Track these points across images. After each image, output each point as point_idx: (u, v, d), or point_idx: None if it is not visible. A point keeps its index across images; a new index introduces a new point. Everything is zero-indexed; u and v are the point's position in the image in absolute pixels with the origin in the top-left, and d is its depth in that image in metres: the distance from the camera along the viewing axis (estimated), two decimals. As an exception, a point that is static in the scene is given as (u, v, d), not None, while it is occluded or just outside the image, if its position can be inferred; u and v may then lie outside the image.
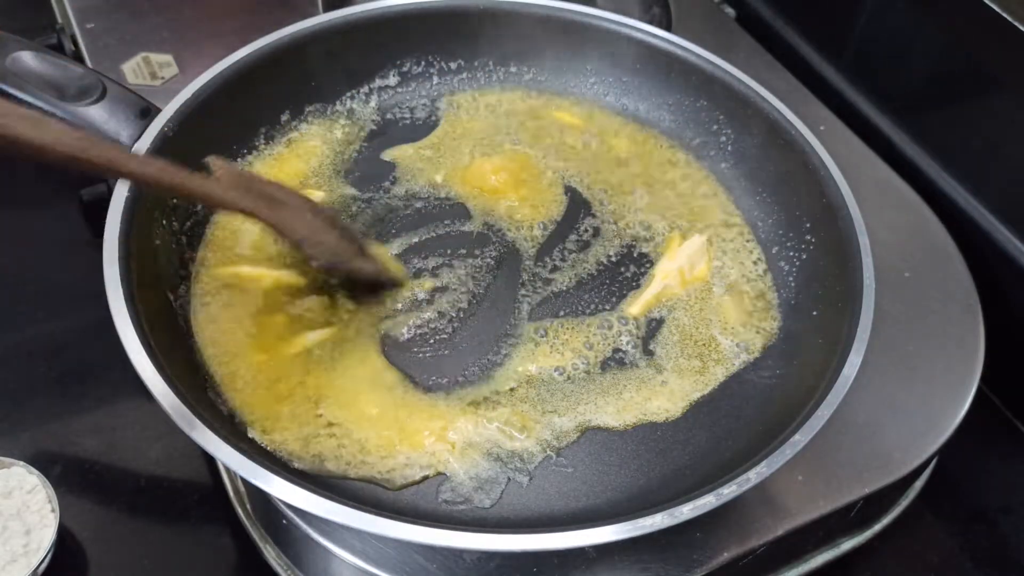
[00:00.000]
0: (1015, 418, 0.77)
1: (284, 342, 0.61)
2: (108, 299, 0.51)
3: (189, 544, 0.63)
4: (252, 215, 0.57)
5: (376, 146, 0.75)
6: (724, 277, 0.68)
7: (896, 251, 0.73)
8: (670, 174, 0.75)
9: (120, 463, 0.66)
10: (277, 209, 0.58)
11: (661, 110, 0.78)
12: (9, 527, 0.56)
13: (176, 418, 0.47)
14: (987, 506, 0.71)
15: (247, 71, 0.68)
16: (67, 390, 0.70)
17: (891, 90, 0.87)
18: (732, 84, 0.72)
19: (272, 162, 0.72)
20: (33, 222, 0.82)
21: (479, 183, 0.73)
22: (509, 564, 0.54)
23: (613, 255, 0.69)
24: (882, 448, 0.62)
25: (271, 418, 0.56)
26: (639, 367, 0.62)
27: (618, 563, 0.55)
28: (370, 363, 0.60)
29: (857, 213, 0.63)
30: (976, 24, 0.75)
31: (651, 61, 0.76)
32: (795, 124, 0.69)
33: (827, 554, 0.64)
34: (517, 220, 0.71)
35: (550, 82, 0.81)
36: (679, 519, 0.46)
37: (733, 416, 0.60)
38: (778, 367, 0.63)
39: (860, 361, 0.54)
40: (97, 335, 0.68)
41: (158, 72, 0.82)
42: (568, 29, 0.77)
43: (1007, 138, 0.75)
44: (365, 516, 0.44)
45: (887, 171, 0.81)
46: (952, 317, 0.70)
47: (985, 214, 0.78)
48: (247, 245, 0.66)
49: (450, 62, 0.79)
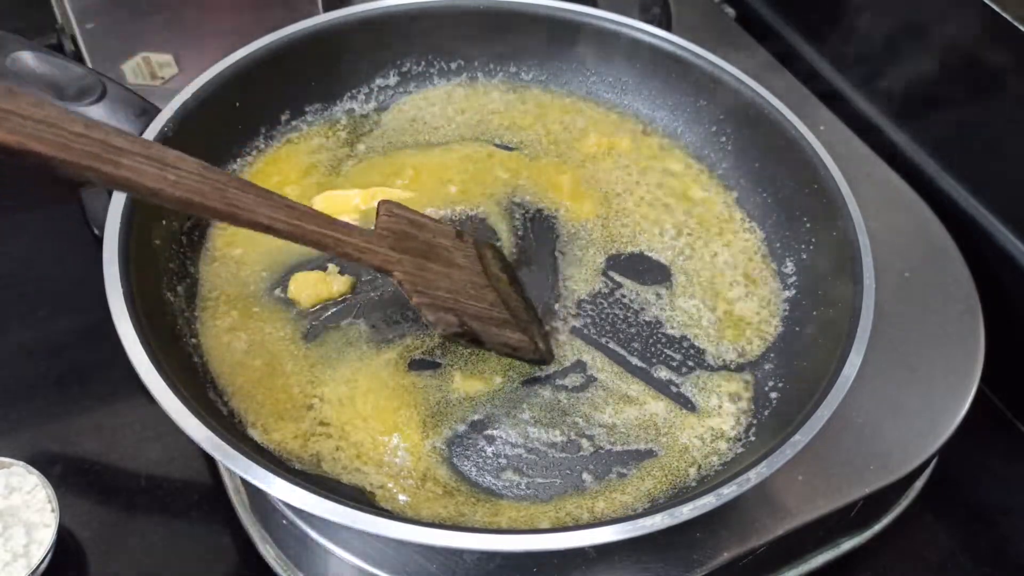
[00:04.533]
0: (1015, 418, 0.77)
1: (285, 342, 0.61)
2: (108, 299, 0.51)
3: (189, 544, 0.63)
4: (388, 274, 0.53)
5: (376, 146, 0.75)
6: (724, 277, 0.68)
7: (896, 251, 0.73)
8: (669, 174, 0.75)
9: (120, 463, 0.66)
10: (424, 267, 0.54)
11: (661, 110, 0.78)
12: (9, 527, 0.56)
13: (176, 418, 0.47)
14: (987, 506, 0.71)
15: (247, 71, 0.68)
16: (67, 390, 0.70)
17: (891, 90, 0.87)
18: (732, 84, 0.72)
19: (272, 162, 0.72)
20: (33, 222, 0.82)
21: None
22: (509, 564, 0.54)
23: (614, 253, 0.69)
24: (882, 448, 0.62)
25: (271, 418, 0.56)
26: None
27: (618, 563, 0.55)
28: (372, 365, 0.60)
29: (857, 213, 0.63)
30: (976, 24, 0.75)
31: (651, 61, 0.76)
32: (795, 124, 0.68)
33: (827, 554, 0.64)
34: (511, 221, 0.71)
35: (550, 82, 0.81)
36: (679, 519, 0.46)
37: (733, 416, 0.60)
38: (778, 367, 0.63)
39: (860, 361, 0.54)
40: (97, 335, 0.68)
41: (158, 72, 0.82)
42: (568, 29, 0.77)
43: (1007, 138, 0.75)
44: (365, 516, 0.44)
45: (887, 171, 0.81)
46: (952, 317, 0.70)
47: (985, 214, 0.78)
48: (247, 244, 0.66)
49: (450, 62, 0.79)
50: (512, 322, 0.58)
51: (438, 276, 0.55)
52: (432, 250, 0.56)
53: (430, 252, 0.56)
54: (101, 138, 0.41)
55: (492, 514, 0.54)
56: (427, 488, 0.54)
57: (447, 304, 0.55)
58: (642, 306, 0.66)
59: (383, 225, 0.55)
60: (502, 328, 0.57)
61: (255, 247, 0.66)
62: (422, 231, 0.57)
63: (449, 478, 0.55)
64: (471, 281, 0.58)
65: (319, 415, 0.57)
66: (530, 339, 0.59)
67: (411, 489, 0.54)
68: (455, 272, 0.57)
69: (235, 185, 0.47)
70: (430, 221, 0.59)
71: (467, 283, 0.57)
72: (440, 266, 0.56)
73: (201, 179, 0.45)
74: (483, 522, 0.53)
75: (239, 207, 0.46)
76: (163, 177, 0.43)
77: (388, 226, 0.55)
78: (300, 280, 0.63)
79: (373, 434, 0.56)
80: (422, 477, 0.55)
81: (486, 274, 0.59)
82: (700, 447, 0.58)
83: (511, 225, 0.70)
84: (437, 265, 0.56)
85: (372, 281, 0.65)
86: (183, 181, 0.44)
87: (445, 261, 0.57)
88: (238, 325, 0.61)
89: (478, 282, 0.58)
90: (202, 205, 0.45)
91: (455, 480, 0.55)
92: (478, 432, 0.58)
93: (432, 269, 0.55)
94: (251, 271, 0.64)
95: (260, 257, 0.65)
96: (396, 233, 0.55)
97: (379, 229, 0.54)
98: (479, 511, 0.54)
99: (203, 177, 0.45)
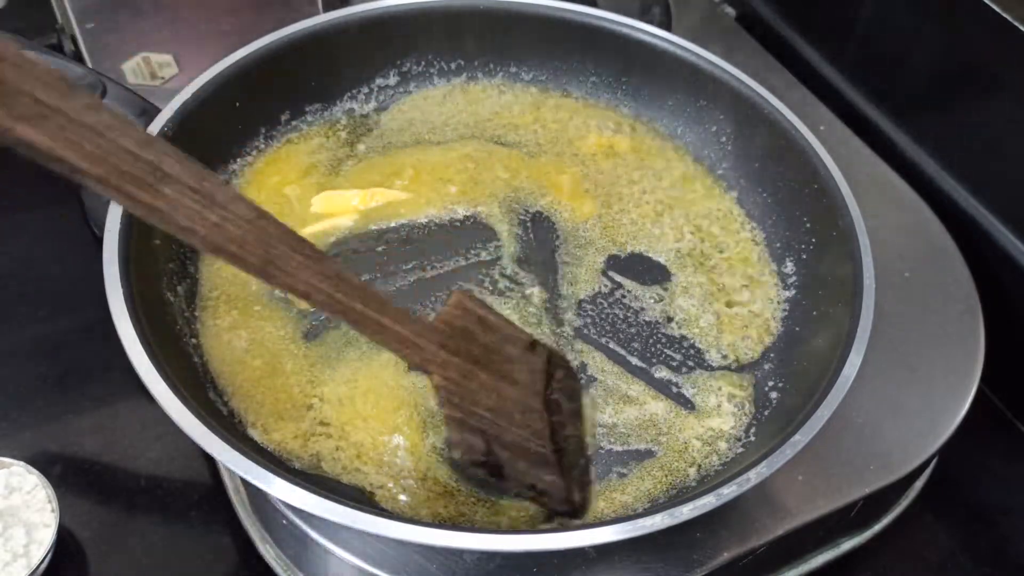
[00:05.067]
0: (1015, 418, 0.77)
1: (285, 342, 0.61)
2: (108, 299, 0.51)
3: (189, 544, 0.62)
4: (427, 374, 0.48)
5: (376, 146, 0.75)
6: (724, 277, 0.68)
7: (896, 251, 0.73)
8: (669, 174, 0.75)
9: (120, 463, 0.66)
10: (471, 375, 0.48)
11: (661, 110, 0.78)
12: (9, 527, 0.56)
13: (176, 418, 0.47)
14: (987, 506, 0.71)
15: (247, 71, 0.68)
16: (67, 390, 0.70)
17: (891, 90, 0.87)
18: (732, 84, 0.72)
19: (272, 162, 0.72)
20: (33, 222, 0.82)
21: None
22: (509, 564, 0.54)
23: (614, 253, 0.69)
24: (882, 448, 0.62)
25: (271, 418, 0.56)
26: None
27: (618, 563, 0.55)
28: (372, 365, 0.60)
29: (857, 213, 0.63)
30: (976, 24, 0.75)
31: (651, 61, 0.76)
32: (795, 124, 0.68)
33: (827, 554, 0.64)
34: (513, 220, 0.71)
35: (550, 82, 0.81)
36: (679, 519, 0.46)
37: (733, 416, 0.60)
38: (778, 367, 0.63)
39: (860, 361, 0.54)
40: (97, 335, 0.69)
41: (158, 72, 0.82)
42: (568, 29, 0.77)
43: (1007, 138, 0.75)
44: (365, 516, 0.44)
45: (887, 171, 0.81)
46: (952, 317, 0.70)
47: (985, 214, 0.78)
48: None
49: (450, 62, 0.79)
50: (551, 461, 0.51)
51: (483, 390, 0.49)
52: (489, 357, 0.50)
53: (486, 359, 0.50)
54: (151, 159, 0.37)
55: (492, 514, 0.54)
56: (427, 488, 0.54)
57: (480, 425, 0.48)
58: (642, 306, 0.66)
59: (445, 318, 0.49)
60: (535, 466, 0.50)
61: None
62: (488, 333, 0.51)
63: (449, 478, 0.55)
64: (522, 403, 0.51)
65: (319, 415, 0.57)
66: (566, 485, 0.51)
67: (411, 489, 0.54)
68: (507, 388, 0.50)
69: (287, 242, 0.42)
70: (506, 325, 0.53)
71: (516, 404, 0.50)
72: (491, 378, 0.50)
73: (248, 226, 0.40)
74: (483, 522, 0.53)
75: (278, 267, 0.41)
76: (201, 216, 0.39)
77: (450, 320, 0.49)
78: (300, 280, 0.63)
79: (373, 434, 0.56)
80: (422, 477, 0.55)
81: (544, 398, 0.53)
82: (700, 447, 0.58)
83: (511, 225, 0.70)
84: (488, 376, 0.49)
85: (372, 281, 0.65)
86: (225, 225, 0.39)
87: (500, 373, 0.50)
88: (238, 325, 0.61)
89: (530, 405, 0.51)
90: (235, 255, 0.40)
91: (455, 480, 0.55)
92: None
93: (480, 379, 0.49)
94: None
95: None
96: (455, 330, 0.49)
97: (439, 320, 0.49)
98: (479, 511, 0.54)
99: (251, 224, 0.40)
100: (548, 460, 0.51)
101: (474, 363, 0.49)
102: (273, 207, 0.69)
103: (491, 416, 0.49)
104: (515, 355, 0.51)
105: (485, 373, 0.49)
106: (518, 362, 0.52)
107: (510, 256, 0.68)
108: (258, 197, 0.69)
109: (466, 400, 0.48)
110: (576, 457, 0.54)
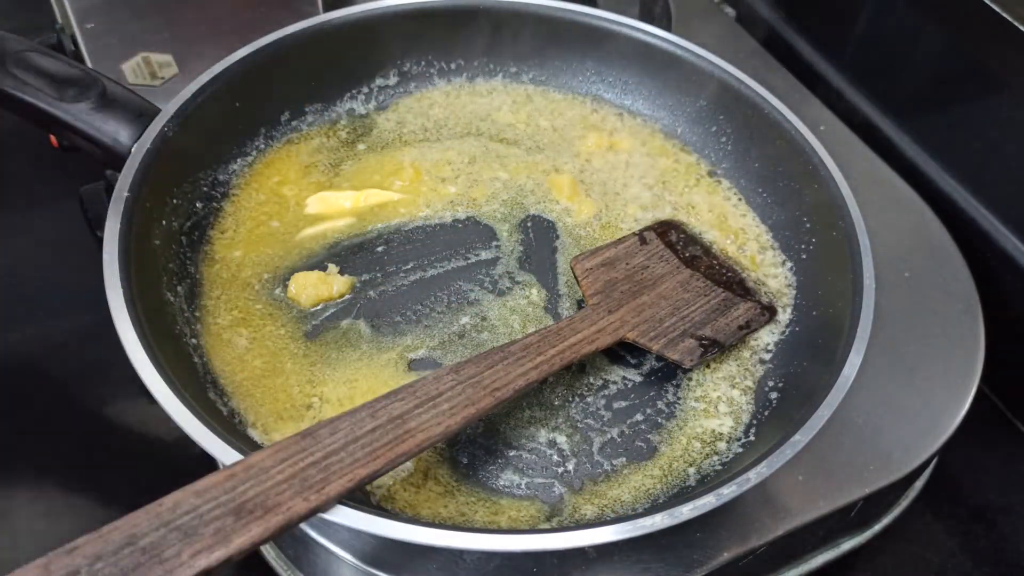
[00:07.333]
0: (1015, 418, 0.77)
1: (285, 342, 0.61)
2: (108, 299, 0.51)
3: (189, 544, 0.62)
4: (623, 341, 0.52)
5: (376, 146, 0.75)
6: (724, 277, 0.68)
7: (896, 251, 0.73)
8: (669, 174, 0.75)
9: (120, 463, 0.66)
10: (642, 306, 0.53)
11: (661, 110, 0.78)
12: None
13: (176, 418, 0.47)
14: (987, 506, 0.71)
15: (247, 71, 0.68)
16: (67, 390, 0.70)
17: (891, 90, 0.87)
18: (732, 84, 0.72)
19: (272, 162, 0.72)
20: (33, 222, 0.82)
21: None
22: (509, 564, 0.54)
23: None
24: (882, 448, 0.62)
25: (271, 418, 0.56)
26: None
27: (618, 563, 0.55)
28: (372, 365, 0.60)
29: (857, 213, 0.63)
30: (976, 24, 0.75)
31: (651, 61, 0.76)
32: (795, 124, 0.69)
33: (827, 554, 0.64)
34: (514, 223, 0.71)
35: (550, 82, 0.81)
36: (679, 519, 0.46)
37: (733, 416, 0.60)
38: (778, 367, 0.63)
39: (860, 361, 0.54)
40: (97, 335, 0.69)
41: (158, 72, 0.82)
42: (568, 29, 0.77)
43: (1007, 138, 0.75)
44: (365, 516, 0.44)
45: (887, 171, 0.81)
46: (952, 317, 0.70)
47: (985, 214, 0.78)
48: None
49: (450, 62, 0.79)
50: (730, 296, 0.57)
51: (656, 305, 0.54)
52: (636, 279, 0.55)
53: (636, 285, 0.55)
54: (399, 414, 0.43)
55: (492, 514, 0.54)
56: (427, 488, 0.54)
57: (680, 330, 0.54)
58: (642, 306, 0.66)
59: (590, 290, 0.54)
60: (728, 311, 0.57)
61: (255, 248, 0.66)
62: (617, 265, 0.56)
63: (449, 478, 0.55)
64: (680, 284, 0.56)
65: (319, 415, 0.57)
66: (756, 302, 0.58)
67: (411, 489, 0.54)
68: (664, 287, 0.56)
69: (492, 367, 0.47)
70: (614, 248, 0.58)
71: (679, 290, 0.56)
72: (651, 294, 0.55)
73: (464, 386, 0.45)
74: (483, 522, 0.53)
75: (499, 388, 0.47)
76: (439, 419, 0.44)
77: (594, 288, 0.54)
78: (300, 280, 0.63)
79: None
80: (422, 476, 0.55)
81: (684, 263, 0.58)
82: (700, 447, 0.58)
83: (511, 225, 0.70)
84: (648, 295, 0.55)
85: (372, 281, 0.65)
86: (454, 403, 0.44)
87: (651, 282, 0.56)
88: (238, 325, 0.61)
89: (684, 280, 0.57)
90: (478, 416, 0.46)
91: (455, 480, 0.55)
92: (478, 432, 0.58)
93: (647, 302, 0.54)
94: (251, 272, 0.64)
95: (260, 258, 0.65)
96: (603, 290, 0.54)
97: (589, 298, 0.53)
98: (479, 511, 0.54)
99: (459, 383, 0.45)
100: (731, 300, 0.57)
101: (632, 296, 0.54)
102: (273, 207, 0.69)
103: (676, 316, 0.54)
104: (644, 261, 0.56)
105: (645, 294, 0.54)
106: (650, 261, 0.56)
107: (510, 256, 0.68)
108: (258, 197, 0.69)
109: (657, 325, 0.53)
110: (734, 273, 0.59)
